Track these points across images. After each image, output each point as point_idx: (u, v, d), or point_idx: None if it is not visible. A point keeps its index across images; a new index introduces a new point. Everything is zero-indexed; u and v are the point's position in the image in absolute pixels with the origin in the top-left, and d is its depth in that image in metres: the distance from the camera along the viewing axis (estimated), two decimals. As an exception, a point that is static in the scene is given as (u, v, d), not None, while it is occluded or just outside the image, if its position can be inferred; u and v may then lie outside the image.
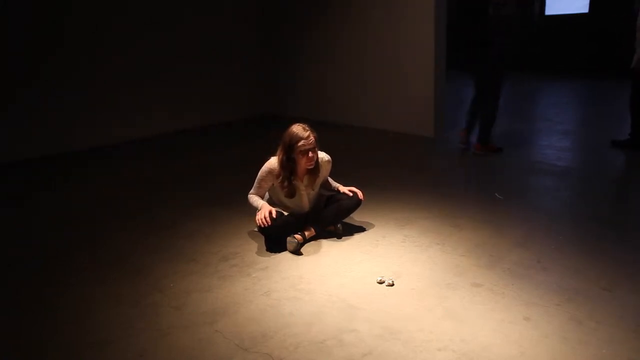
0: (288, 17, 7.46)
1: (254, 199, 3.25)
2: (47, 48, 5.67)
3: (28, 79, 5.59)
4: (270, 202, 3.35)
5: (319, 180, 3.33)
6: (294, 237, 3.14)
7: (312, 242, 3.27)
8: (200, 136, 6.73)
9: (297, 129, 3.10)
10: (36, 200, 4.40)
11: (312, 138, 3.09)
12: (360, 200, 3.41)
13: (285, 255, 3.11)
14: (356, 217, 3.62)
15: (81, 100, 5.99)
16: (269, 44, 7.76)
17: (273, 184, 3.24)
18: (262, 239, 3.31)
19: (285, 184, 3.15)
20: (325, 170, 3.34)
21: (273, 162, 3.19)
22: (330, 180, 3.51)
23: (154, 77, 6.59)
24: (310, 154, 3.10)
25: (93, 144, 6.10)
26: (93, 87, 6.05)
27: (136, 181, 4.79)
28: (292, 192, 3.20)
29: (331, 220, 3.34)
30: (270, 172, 3.18)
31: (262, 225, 3.03)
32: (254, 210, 3.20)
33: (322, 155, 3.30)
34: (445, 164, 5.15)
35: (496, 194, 4.03)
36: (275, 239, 3.20)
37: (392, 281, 2.72)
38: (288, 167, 3.13)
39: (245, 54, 7.61)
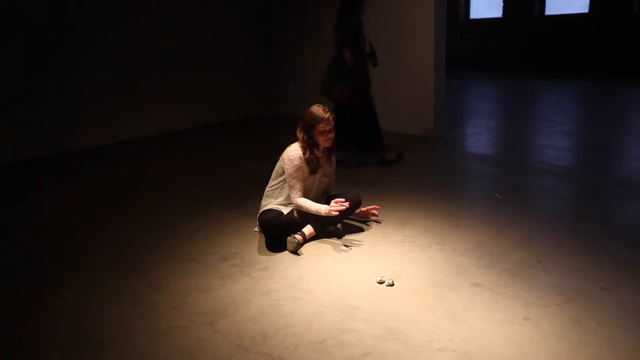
0: (287, 17, 7.45)
1: (308, 203, 3.22)
2: (48, 47, 5.67)
3: (28, 79, 5.59)
4: (276, 198, 3.32)
5: (332, 162, 3.44)
6: (294, 237, 3.14)
7: (312, 242, 3.27)
8: (200, 136, 6.73)
9: (317, 110, 3.26)
10: (36, 200, 4.39)
11: (331, 119, 3.25)
12: (360, 200, 3.44)
13: (285, 255, 3.11)
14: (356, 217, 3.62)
15: (81, 100, 5.98)
16: (268, 44, 7.76)
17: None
18: (262, 239, 3.31)
19: (313, 158, 3.25)
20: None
21: (296, 148, 3.25)
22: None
23: (154, 76, 6.59)
24: (329, 135, 3.26)
25: (92, 143, 6.10)
26: (93, 86, 6.04)
27: (136, 181, 4.78)
28: (317, 168, 3.30)
29: (331, 220, 3.34)
30: (300, 158, 3.22)
31: (341, 209, 3.12)
32: (306, 214, 3.23)
33: None
34: (445, 164, 5.15)
35: (496, 194, 4.03)
36: (276, 238, 3.20)
37: (392, 281, 2.72)
38: (310, 144, 3.26)
39: (245, 53, 7.61)
